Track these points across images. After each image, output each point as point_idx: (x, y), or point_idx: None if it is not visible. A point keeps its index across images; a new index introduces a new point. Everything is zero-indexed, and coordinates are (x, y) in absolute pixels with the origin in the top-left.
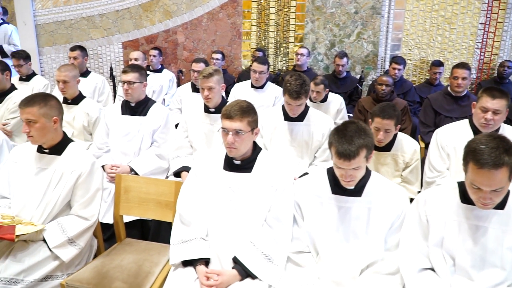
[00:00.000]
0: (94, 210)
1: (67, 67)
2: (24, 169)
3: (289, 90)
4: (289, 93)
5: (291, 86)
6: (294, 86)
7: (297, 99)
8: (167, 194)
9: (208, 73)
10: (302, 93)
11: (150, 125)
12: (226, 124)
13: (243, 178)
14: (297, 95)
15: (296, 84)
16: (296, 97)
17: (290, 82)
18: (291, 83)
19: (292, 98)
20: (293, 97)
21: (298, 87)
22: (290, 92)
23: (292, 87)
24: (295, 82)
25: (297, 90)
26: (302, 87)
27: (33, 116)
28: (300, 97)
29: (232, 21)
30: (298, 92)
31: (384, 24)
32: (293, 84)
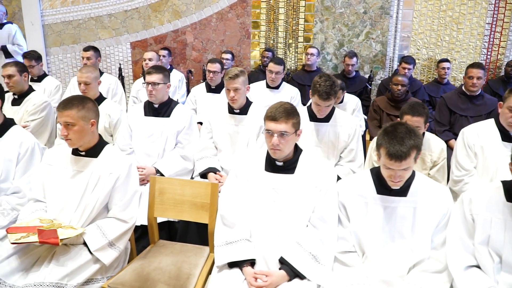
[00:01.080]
0: (133, 213)
1: (89, 69)
2: (60, 172)
3: (319, 91)
4: (319, 94)
5: (320, 87)
6: (324, 87)
7: (327, 100)
8: (202, 196)
9: (234, 74)
10: (332, 94)
11: (174, 126)
12: (271, 126)
13: (286, 179)
14: (327, 96)
15: (326, 85)
16: (325, 98)
17: (320, 83)
18: (321, 84)
19: (322, 99)
20: (322, 98)
21: (328, 88)
22: (320, 93)
23: (322, 88)
24: (325, 83)
25: (327, 91)
26: (332, 88)
27: (71, 119)
28: (330, 98)
29: (241, 21)
30: (328, 93)
31: (392, 24)
32: (322, 85)
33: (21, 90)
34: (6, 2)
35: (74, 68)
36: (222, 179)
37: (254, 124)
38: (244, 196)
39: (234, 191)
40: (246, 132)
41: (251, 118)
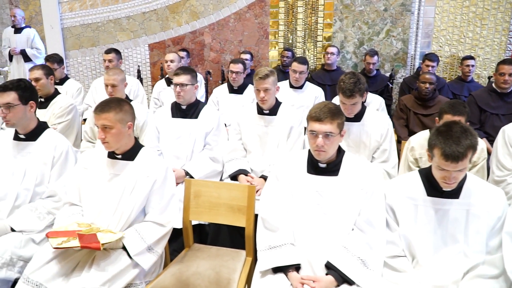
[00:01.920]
0: (170, 216)
1: (115, 71)
2: (96, 175)
3: (343, 89)
4: (343, 92)
5: (344, 85)
6: (347, 84)
7: (351, 98)
8: (239, 199)
9: (264, 74)
10: (356, 91)
11: (202, 127)
12: (316, 127)
13: (330, 181)
14: (350, 93)
15: (350, 82)
16: (349, 95)
17: (344, 80)
18: (345, 82)
19: (346, 97)
20: (346, 95)
21: (351, 85)
22: (343, 91)
23: (346, 85)
24: (349, 81)
25: (351, 88)
26: (356, 85)
27: (109, 121)
28: (354, 96)
29: (260, 21)
30: (351, 90)
31: (414, 21)
32: (346, 83)
33: (47, 93)
34: (24, 7)
35: (93, 71)
36: (253, 181)
37: (284, 124)
38: (286, 199)
39: (275, 194)
40: (276, 133)
41: (281, 118)
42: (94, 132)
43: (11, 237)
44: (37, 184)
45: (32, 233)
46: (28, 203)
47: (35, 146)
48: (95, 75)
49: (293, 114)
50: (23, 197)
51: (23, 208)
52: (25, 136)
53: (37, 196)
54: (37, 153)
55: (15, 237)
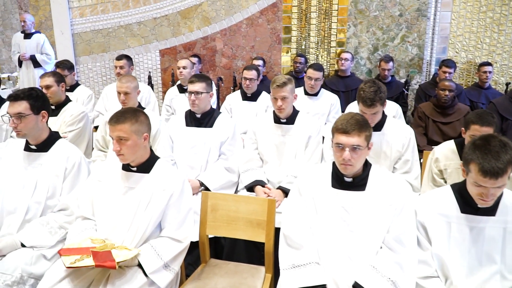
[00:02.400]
0: (187, 232)
1: (128, 78)
2: (110, 188)
3: (363, 98)
4: (363, 101)
5: (364, 94)
6: (368, 93)
7: (372, 107)
8: (258, 213)
9: (282, 82)
10: (377, 100)
11: (217, 136)
12: (342, 140)
13: (357, 196)
14: (371, 102)
15: (370, 91)
16: (370, 105)
17: (364, 89)
18: (365, 90)
19: (366, 106)
20: (366, 104)
21: (372, 94)
22: (363, 100)
23: (366, 94)
24: (369, 89)
25: (371, 97)
26: (377, 94)
27: (125, 133)
28: (375, 105)
29: (272, 27)
30: (372, 100)
31: (430, 26)
32: (367, 91)
33: (58, 101)
34: (33, 12)
35: (103, 77)
36: (271, 192)
37: (302, 134)
38: (310, 215)
39: (298, 210)
40: (294, 142)
41: (298, 127)
42: (105, 140)
43: (22, 253)
44: (48, 197)
45: (43, 249)
46: (39, 217)
47: (46, 157)
48: (105, 82)
49: (311, 123)
50: (34, 211)
51: (34, 223)
52: (36, 147)
53: (49, 209)
54: (49, 164)
55: (26, 253)
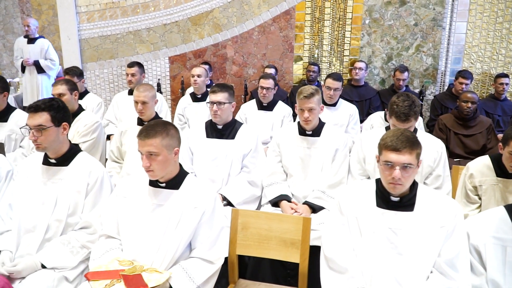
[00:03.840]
0: (220, 252)
1: (146, 87)
2: (138, 205)
3: (397, 113)
4: (396, 116)
5: (398, 108)
6: (402, 107)
7: (406, 122)
8: (292, 231)
9: (309, 93)
10: (411, 115)
11: (239, 149)
12: (392, 158)
13: (405, 217)
14: (405, 117)
15: (404, 105)
16: (404, 120)
17: (398, 103)
18: (399, 105)
19: (400, 121)
20: (401, 119)
21: (406, 109)
22: (397, 115)
23: (400, 109)
24: (403, 104)
25: (406, 112)
26: (411, 108)
27: (155, 148)
28: (409, 120)
29: (284, 34)
30: (407, 115)
31: (445, 36)
32: (400, 106)
33: (71, 110)
34: (36, 16)
35: (111, 84)
36: (298, 208)
37: (329, 147)
38: (353, 236)
39: (340, 230)
40: (320, 155)
41: (325, 140)
42: (120, 151)
43: (43, 276)
44: (69, 214)
45: (65, 270)
46: (59, 236)
47: (67, 171)
48: (112, 89)
49: (338, 136)
50: (54, 229)
51: (55, 242)
52: (56, 161)
53: (69, 227)
54: (70, 179)
55: (47, 275)
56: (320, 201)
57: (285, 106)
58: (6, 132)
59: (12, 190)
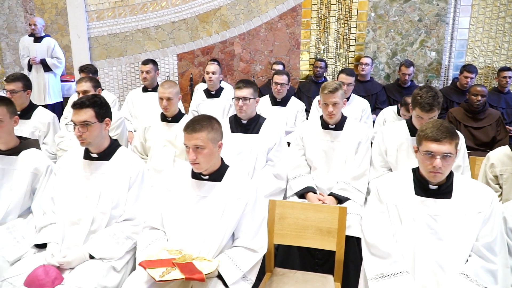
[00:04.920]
0: (263, 241)
1: (170, 83)
2: (182, 197)
3: (421, 103)
4: (421, 106)
5: (422, 99)
6: (426, 98)
7: (430, 112)
8: (329, 220)
9: (333, 88)
10: (435, 105)
11: (264, 143)
12: (433, 147)
13: (444, 204)
14: (430, 107)
15: (428, 96)
16: (428, 110)
17: (421, 94)
18: (422, 96)
19: (424, 111)
20: (425, 109)
21: (430, 99)
22: (421, 105)
23: (424, 99)
24: (427, 94)
25: (430, 102)
26: (435, 98)
27: (202, 141)
28: (433, 109)
29: (291, 31)
30: (431, 104)
31: (448, 31)
32: (424, 96)
33: None
34: (39, 15)
35: (120, 81)
36: (325, 199)
37: (352, 140)
38: (393, 223)
39: (380, 218)
40: (343, 148)
41: (347, 133)
42: (144, 147)
43: (92, 266)
44: (113, 207)
45: (112, 260)
46: (104, 228)
47: (109, 166)
48: (121, 86)
49: (360, 129)
50: (99, 221)
51: (101, 234)
52: (98, 155)
53: (113, 219)
54: (112, 173)
55: (97, 265)
56: (345, 192)
57: (298, 101)
58: (30, 129)
59: (53, 184)
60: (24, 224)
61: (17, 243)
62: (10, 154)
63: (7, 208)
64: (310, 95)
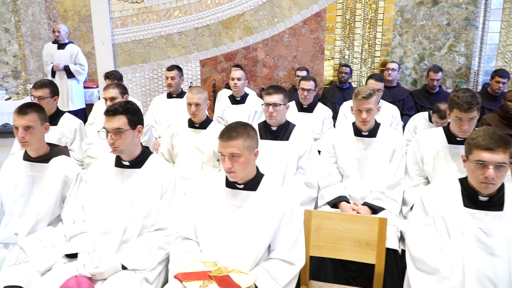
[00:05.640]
0: (301, 253)
1: (199, 89)
2: (216, 207)
3: (458, 103)
4: (459, 106)
5: (459, 99)
6: (464, 97)
7: (469, 111)
8: (368, 232)
9: (368, 94)
10: (474, 104)
11: (294, 150)
12: (486, 157)
13: (495, 217)
14: (468, 105)
15: (465, 95)
16: (467, 109)
17: (458, 95)
18: (459, 96)
19: (463, 111)
20: (463, 108)
21: (468, 98)
22: (459, 105)
23: (462, 99)
24: (464, 94)
25: (468, 100)
26: (473, 98)
27: (238, 149)
28: (472, 109)
29: (315, 36)
30: (469, 103)
31: (478, 36)
32: (461, 96)
33: None
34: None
35: (143, 87)
36: (359, 209)
37: (386, 147)
38: (441, 236)
39: (426, 230)
40: (377, 156)
41: (381, 141)
42: (171, 153)
43: (125, 277)
44: (145, 216)
45: (145, 271)
46: (136, 237)
47: (141, 174)
48: (144, 93)
49: (395, 136)
50: (131, 231)
51: (133, 244)
52: (129, 163)
53: (145, 229)
54: (144, 181)
55: (129, 276)
56: (380, 202)
57: (325, 107)
58: (57, 135)
59: (83, 192)
60: (54, 233)
61: (47, 252)
62: (40, 161)
63: (37, 216)
64: (335, 101)
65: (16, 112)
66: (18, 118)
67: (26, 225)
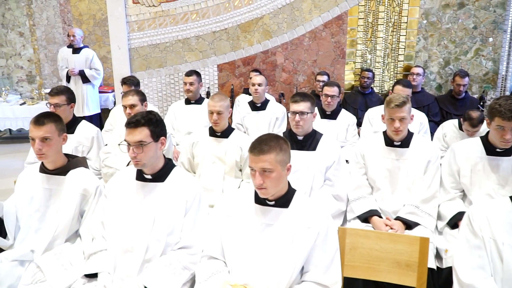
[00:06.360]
0: (337, 276)
1: (221, 97)
2: (245, 225)
3: (500, 112)
4: (501, 114)
5: (501, 107)
6: (506, 105)
7: None
8: (408, 252)
9: (401, 102)
10: None
11: (322, 161)
12: None
13: None
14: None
15: (508, 103)
16: (510, 117)
17: (499, 103)
18: (501, 104)
19: (506, 119)
20: (506, 117)
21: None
22: (502, 113)
23: (504, 107)
24: (506, 102)
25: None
26: None
27: (270, 164)
28: None
29: (336, 40)
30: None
31: (506, 39)
32: (504, 104)
33: None
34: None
35: (159, 92)
36: (393, 224)
37: (420, 158)
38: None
39: (476, 254)
40: (410, 168)
41: (415, 151)
42: (191, 163)
43: None
44: (169, 233)
45: None
46: (159, 256)
47: (164, 188)
48: (161, 98)
49: (429, 146)
50: (154, 249)
51: (157, 263)
52: (152, 177)
53: (168, 247)
54: (167, 196)
55: None
56: (414, 217)
57: (349, 114)
58: (74, 144)
59: (103, 207)
60: (72, 250)
61: (65, 270)
62: (57, 173)
63: (54, 232)
64: (357, 107)
65: (33, 122)
66: (35, 129)
67: (43, 241)
